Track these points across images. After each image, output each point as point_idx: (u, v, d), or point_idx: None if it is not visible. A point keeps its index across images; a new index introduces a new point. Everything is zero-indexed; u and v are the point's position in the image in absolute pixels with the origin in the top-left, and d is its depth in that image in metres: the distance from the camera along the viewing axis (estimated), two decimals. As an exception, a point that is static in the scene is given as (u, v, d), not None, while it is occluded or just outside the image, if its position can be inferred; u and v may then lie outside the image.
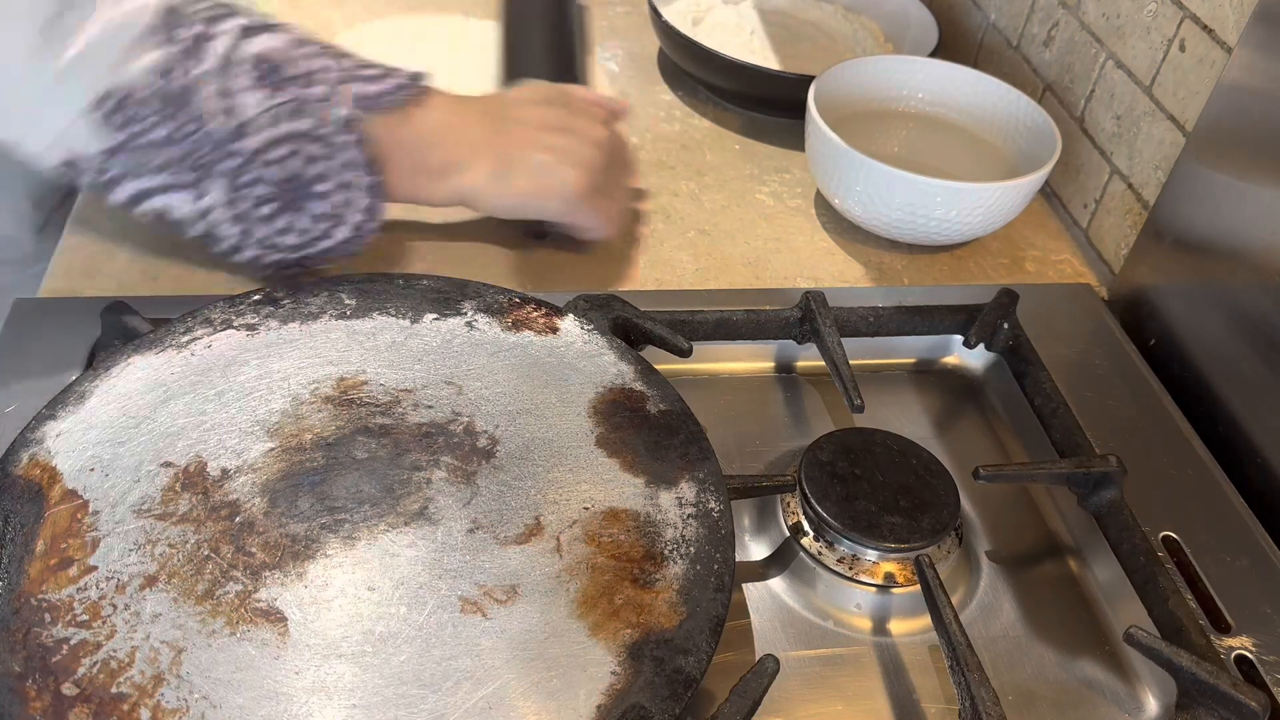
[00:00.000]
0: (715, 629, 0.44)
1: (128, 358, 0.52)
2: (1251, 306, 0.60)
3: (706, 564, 0.46)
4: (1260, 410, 0.59)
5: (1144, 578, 0.51)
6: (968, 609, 0.53)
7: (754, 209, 0.77)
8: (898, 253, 0.74)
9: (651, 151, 0.81)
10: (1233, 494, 0.58)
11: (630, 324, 0.59)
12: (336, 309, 0.56)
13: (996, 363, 0.65)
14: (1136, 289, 0.70)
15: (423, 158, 0.61)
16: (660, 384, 0.54)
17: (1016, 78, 0.85)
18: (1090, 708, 0.50)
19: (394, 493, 0.48)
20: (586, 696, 0.42)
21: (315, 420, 0.51)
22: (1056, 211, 0.81)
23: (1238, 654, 0.50)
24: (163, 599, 0.43)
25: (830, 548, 0.53)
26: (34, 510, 0.46)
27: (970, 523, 0.57)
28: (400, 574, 0.45)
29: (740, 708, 0.43)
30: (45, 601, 0.43)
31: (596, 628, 0.44)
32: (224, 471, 0.48)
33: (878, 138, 0.79)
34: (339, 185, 0.58)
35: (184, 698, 0.40)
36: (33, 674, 0.40)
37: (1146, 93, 0.70)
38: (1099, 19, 0.75)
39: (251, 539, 0.46)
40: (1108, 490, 0.55)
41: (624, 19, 0.98)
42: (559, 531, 0.48)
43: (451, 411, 0.52)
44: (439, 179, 0.62)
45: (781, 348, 0.64)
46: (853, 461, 0.54)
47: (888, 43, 0.92)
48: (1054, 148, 0.71)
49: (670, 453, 0.51)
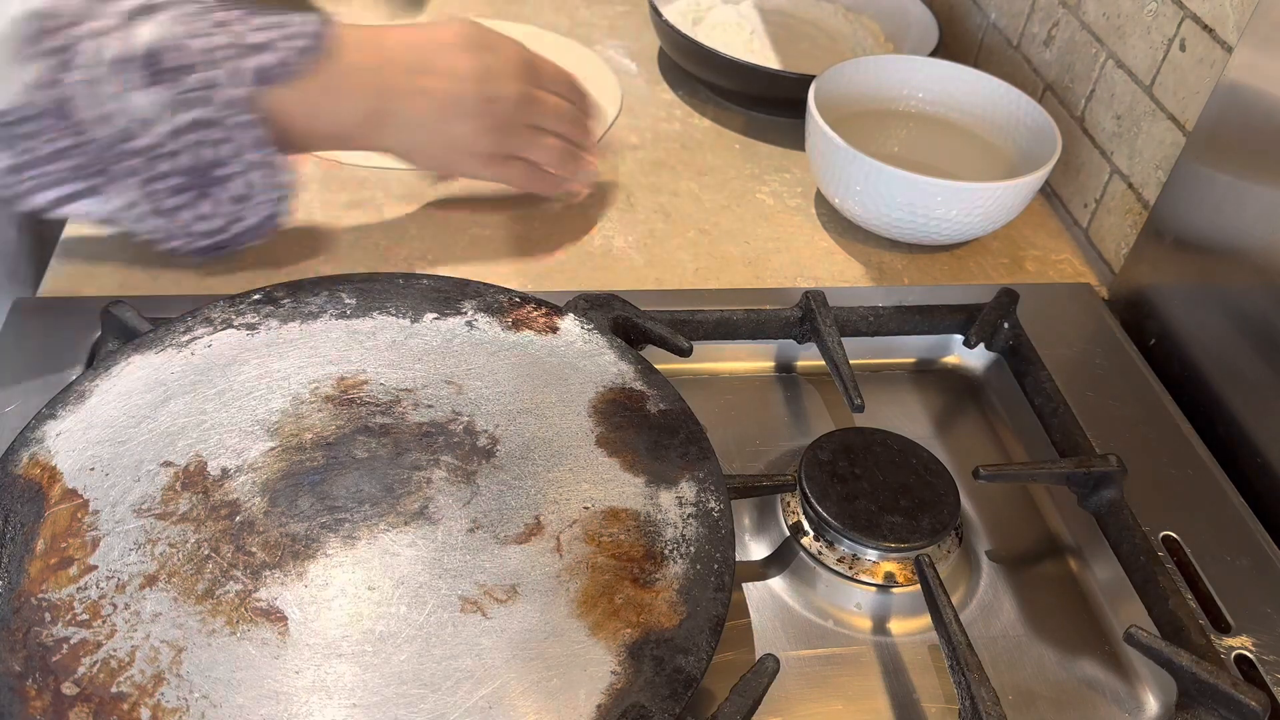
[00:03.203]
0: (715, 628, 0.44)
1: (128, 357, 0.52)
2: (1251, 306, 0.60)
3: (706, 563, 0.46)
4: (1260, 410, 0.59)
5: (1144, 577, 0.51)
6: (968, 609, 0.53)
7: (754, 208, 0.77)
8: (898, 252, 0.74)
9: (652, 151, 0.81)
10: (1233, 494, 0.58)
11: (630, 323, 0.59)
12: (336, 308, 0.56)
13: (996, 362, 0.65)
14: (1136, 289, 0.70)
15: (332, 123, 0.60)
16: (660, 383, 0.54)
17: (1017, 77, 0.85)
18: (1090, 708, 0.50)
19: (394, 492, 0.48)
20: (586, 696, 0.42)
21: (315, 420, 0.51)
22: (1057, 211, 0.81)
23: (1238, 654, 0.50)
24: (163, 598, 0.43)
25: (830, 547, 0.53)
26: (34, 509, 0.46)
27: (970, 522, 0.57)
28: (400, 573, 0.45)
29: (740, 707, 0.43)
30: (45, 600, 0.43)
31: (596, 627, 0.44)
32: (224, 471, 0.48)
33: (878, 138, 0.79)
34: (247, 165, 0.57)
35: (184, 697, 0.40)
36: (33, 673, 0.40)
37: (1147, 92, 0.70)
38: (1099, 18, 0.75)
39: (251, 538, 0.46)
40: (1108, 490, 0.55)
41: (624, 19, 0.98)
42: (559, 531, 0.48)
43: (451, 411, 0.52)
44: (355, 140, 0.62)
45: (781, 347, 0.64)
46: (853, 461, 0.54)
47: (888, 42, 0.92)
48: (1054, 147, 0.71)
49: (670, 452, 0.51)
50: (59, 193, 0.55)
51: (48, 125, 0.53)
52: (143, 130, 0.54)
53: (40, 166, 0.54)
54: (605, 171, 0.78)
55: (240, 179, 0.57)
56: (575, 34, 0.94)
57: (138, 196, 0.56)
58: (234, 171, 0.57)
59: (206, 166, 0.56)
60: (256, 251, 0.67)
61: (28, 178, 0.55)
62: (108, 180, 0.55)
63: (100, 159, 0.54)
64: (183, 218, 0.58)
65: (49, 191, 0.55)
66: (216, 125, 0.56)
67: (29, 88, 0.53)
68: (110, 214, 0.57)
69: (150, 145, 0.55)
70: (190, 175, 0.56)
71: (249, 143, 0.57)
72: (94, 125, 0.54)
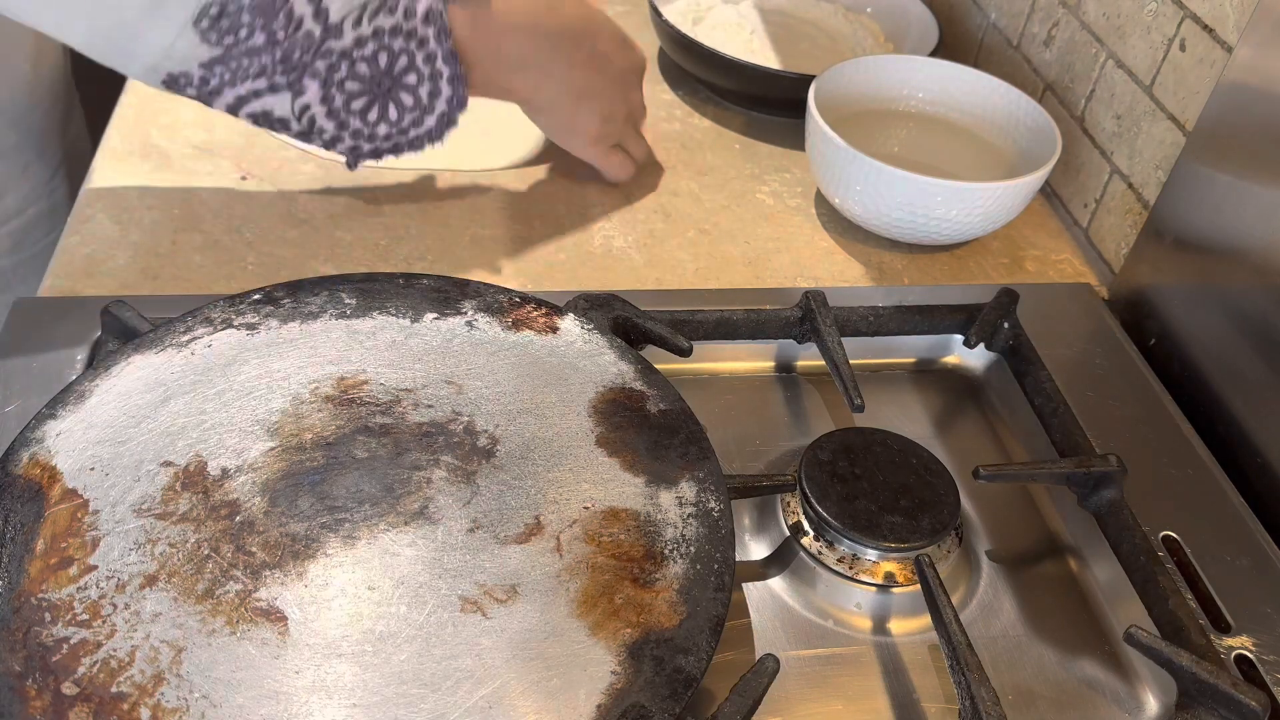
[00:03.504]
0: (715, 628, 0.44)
1: (128, 357, 0.52)
2: (1251, 306, 0.60)
3: (706, 563, 0.46)
4: (1260, 410, 0.59)
5: (1144, 577, 0.51)
6: (968, 608, 0.53)
7: (754, 208, 0.77)
8: (898, 252, 0.74)
9: (652, 151, 0.81)
10: (1233, 494, 0.58)
11: (630, 323, 0.59)
12: (336, 308, 0.56)
13: (997, 362, 0.65)
14: (1136, 289, 0.70)
15: (498, 53, 0.64)
16: (660, 383, 0.54)
17: (1017, 77, 0.85)
18: (1090, 707, 0.49)
19: (394, 492, 0.48)
20: (586, 696, 0.42)
21: (315, 420, 0.51)
22: (1057, 211, 0.81)
23: (1238, 654, 0.50)
24: (163, 598, 0.43)
25: (830, 547, 0.53)
26: (34, 509, 0.46)
27: (970, 522, 0.57)
28: (400, 573, 0.45)
29: (740, 707, 0.43)
30: (45, 600, 0.43)
31: (596, 627, 0.44)
32: (224, 471, 0.48)
33: (878, 137, 0.79)
34: (424, 77, 0.60)
35: (184, 697, 0.40)
36: (33, 673, 0.40)
37: (1147, 92, 0.70)
38: (1099, 18, 0.75)
39: (251, 538, 0.46)
40: (1108, 490, 0.55)
41: (624, 18, 0.97)
42: (559, 531, 0.48)
43: (451, 411, 0.52)
44: (510, 76, 0.67)
45: (781, 347, 0.64)
46: (853, 461, 0.54)
47: (888, 42, 0.92)
48: (1054, 147, 0.71)
49: (670, 452, 0.51)
50: (249, 87, 0.57)
51: (252, 19, 0.55)
52: (340, 31, 0.56)
53: (237, 60, 0.56)
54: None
55: (417, 90, 0.60)
56: (575, 34, 0.94)
57: (321, 95, 0.58)
58: (412, 82, 0.60)
59: (388, 74, 0.59)
60: (257, 251, 0.67)
61: (222, 71, 0.56)
62: (299, 77, 0.57)
63: (298, 57, 0.56)
64: (361, 122, 0.60)
65: (239, 86, 0.57)
66: (402, 35, 0.58)
67: None
68: (292, 111, 0.58)
69: (347, 47, 0.57)
70: (371, 82, 0.59)
71: (428, 55, 0.59)
72: (297, 23, 0.55)
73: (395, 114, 0.60)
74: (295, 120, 0.59)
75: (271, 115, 0.59)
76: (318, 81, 0.57)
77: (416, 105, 0.61)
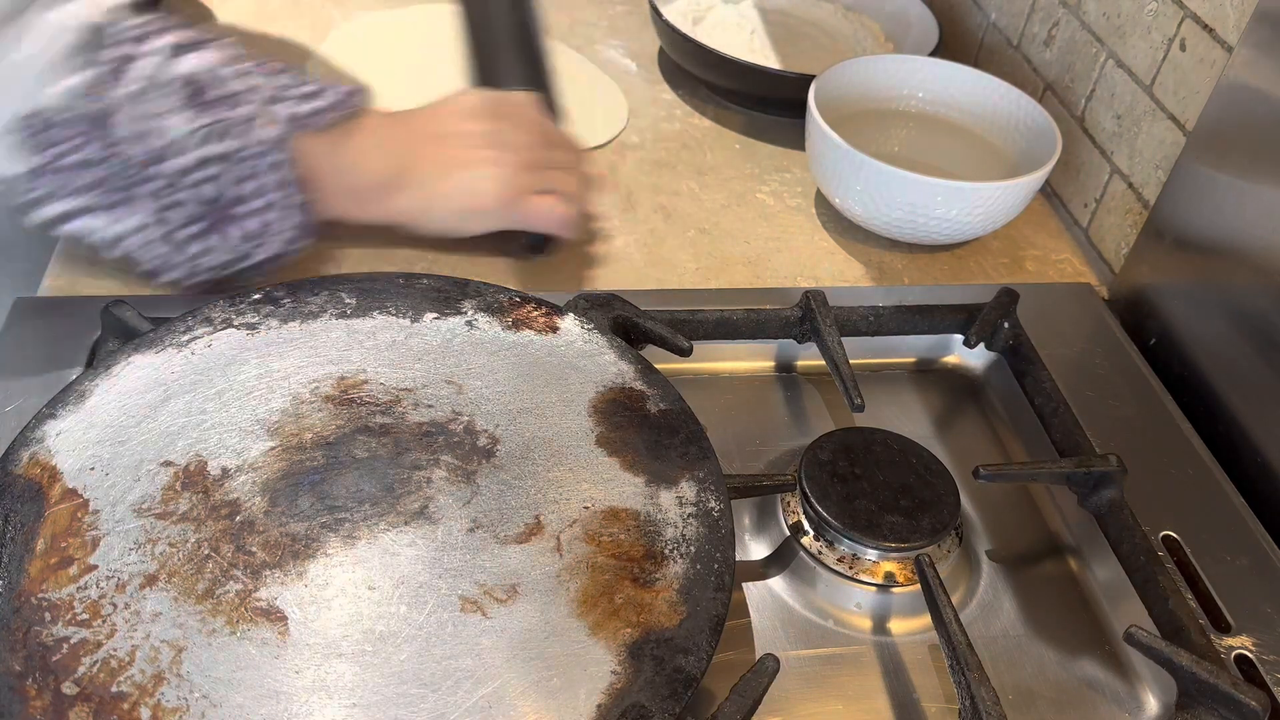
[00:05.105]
0: (715, 628, 0.44)
1: (128, 357, 0.52)
2: (1251, 306, 0.60)
3: (706, 563, 0.46)
4: (1260, 410, 0.59)
5: (1144, 577, 0.51)
6: (968, 608, 0.53)
7: (754, 208, 0.77)
8: (898, 252, 0.74)
9: (652, 150, 0.81)
10: (1233, 494, 0.58)
11: (630, 323, 0.59)
12: (337, 308, 0.56)
13: (997, 362, 0.65)
14: (1136, 289, 0.70)
15: (354, 178, 0.61)
16: (660, 383, 0.54)
17: (1017, 77, 0.85)
18: (1090, 707, 0.50)
19: (394, 492, 0.48)
20: (586, 695, 0.42)
21: (315, 419, 0.51)
22: (1057, 211, 0.81)
23: (1238, 653, 0.50)
24: (163, 598, 0.43)
25: (830, 547, 0.53)
26: (34, 509, 0.46)
27: (970, 522, 0.57)
28: (400, 573, 0.45)
29: (740, 707, 0.43)
30: (45, 600, 0.43)
31: (597, 627, 0.44)
32: (224, 470, 0.48)
33: (878, 138, 0.79)
34: (267, 205, 0.58)
35: (184, 696, 0.40)
36: (33, 673, 0.40)
37: (1147, 92, 0.70)
38: (1099, 18, 0.75)
39: (252, 538, 0.46)
40: (1108, 490, 0.55)
41: (624, 18, 0.98)
42: (559, 531, 0.48)
43: (452, 411, 0.52)
44: (371, 201, 0.63)
45: (782, 347, 0.64)
46: (853, 461, 0.54)
47: (888, 42, 0.92)
48: (1054, 147, 0.71)
49: (670, 452, 0.51)
50: (72, 204, 0.55)
51: (80, 133, 0.53)
52: (172, 154, 0.55)
53: (61, 174, 0.54)
54: (605, 171, 0.78)
55: (257, 218, 0.58)
56: (575, 34, 0.94)
57: (151, 220, 0.56)
58: (252, 209, 0.57)
59: (227, 201, 0.57)
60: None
61: (45, 184, 0.55)
62: (125, 199, 0.55)
63: (124, 177, 0.55)
64: (190, 249, 0.58)
65: (62, 202, 0.55)
66: (245, 161, 0.56)
67: (72, 93, 0.53)
68: (116, 235, 0.57)
69: (177, 171, 0.55)
70: (208, 206, 0.56)
71: (273, 182, 0.57)
72: (127, 142, 0.54)
73: (233, 242, 0.58)
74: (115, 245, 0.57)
75: (88, 238, 0.57)
76: (147, 203, 0.55)
77: (253, 234, 0.58)
